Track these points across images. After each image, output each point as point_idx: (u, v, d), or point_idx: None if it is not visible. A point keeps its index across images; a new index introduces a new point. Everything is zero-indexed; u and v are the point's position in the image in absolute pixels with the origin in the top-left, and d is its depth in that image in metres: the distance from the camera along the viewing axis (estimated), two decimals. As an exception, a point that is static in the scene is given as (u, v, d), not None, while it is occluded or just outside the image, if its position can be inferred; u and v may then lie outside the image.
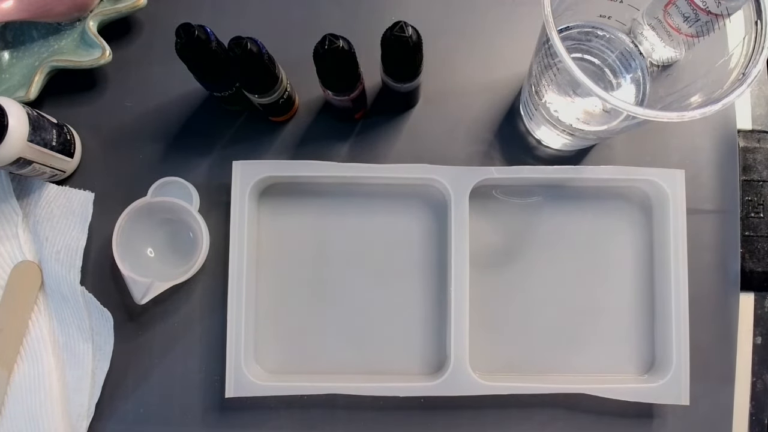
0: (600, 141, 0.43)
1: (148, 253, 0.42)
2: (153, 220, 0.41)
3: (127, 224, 0.40)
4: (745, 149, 0.44)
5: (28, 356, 0.41)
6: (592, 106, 0.36)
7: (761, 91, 0.45)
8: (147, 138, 0.44)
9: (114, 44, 0.42)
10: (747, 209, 0.44)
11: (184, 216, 0.41)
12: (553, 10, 0.29)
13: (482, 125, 0.44)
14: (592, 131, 0.37)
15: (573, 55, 0.39)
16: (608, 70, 0.40)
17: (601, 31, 0.40)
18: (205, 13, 0.45)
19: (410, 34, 0.33)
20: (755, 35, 0.31)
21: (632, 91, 0.40)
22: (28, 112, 0.38)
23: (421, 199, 0.43)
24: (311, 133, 0.44)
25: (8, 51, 0.44)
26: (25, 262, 0.42)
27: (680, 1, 0.38)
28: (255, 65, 0.35)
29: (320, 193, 0.43)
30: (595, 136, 0.39)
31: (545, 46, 0.31)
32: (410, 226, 0.43)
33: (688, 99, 0.33)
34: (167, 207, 0.41)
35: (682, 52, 0.43)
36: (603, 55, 0.40)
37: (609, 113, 0.35)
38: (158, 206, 0.41)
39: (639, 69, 0.40)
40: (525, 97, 0.41)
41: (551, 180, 0.42)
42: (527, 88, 0.40)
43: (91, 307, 0.41)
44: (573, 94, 0.34)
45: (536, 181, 0.42)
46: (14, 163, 0.37)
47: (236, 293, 0.40)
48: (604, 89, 0.29)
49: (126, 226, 0.40)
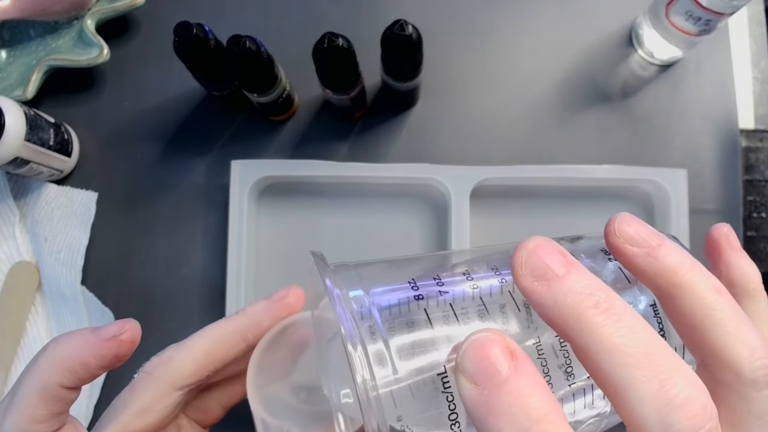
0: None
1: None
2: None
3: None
4: (748, 149, 0.44)
5: (25, 357, 0.41)
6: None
7: (764, 90, 0.45)
8: (145, 137, 0.44)
9: (112, 43, 0.42)
10: (749, 209, 0.44)
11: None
12: None
13: (483, 125, 0.44)
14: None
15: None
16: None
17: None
18: (204, 11, 0.45)
19: (410, 32, 0.33)
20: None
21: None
22: (25, 112, 0.37)
23: (421, 199, 0.43)
24: (310, 133, 0.44)
25: (5, 50, 0.44)
26: (22, 263, 0.41)
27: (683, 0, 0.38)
28: (254, 64, 0.35)
29: (320, 192, 0.43)
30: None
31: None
32: (410, 226, 0.43)
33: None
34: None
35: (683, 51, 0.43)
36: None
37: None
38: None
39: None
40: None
41: (552, 180, 0.42)
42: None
43: (91, 306, 0.40)
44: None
45: (537, 180, 0.42)
46: (11, 162, 0.37)
47: (235, 293, 0.40)
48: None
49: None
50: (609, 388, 0.13)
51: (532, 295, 0.14)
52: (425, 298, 0.17)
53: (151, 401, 0.25)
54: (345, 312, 0.16)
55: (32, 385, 0.22)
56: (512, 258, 0.15)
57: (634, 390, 0.12)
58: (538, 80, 0.44)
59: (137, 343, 0.23)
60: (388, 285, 0.18)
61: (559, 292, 0.14)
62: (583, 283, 0.14)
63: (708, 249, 0.20)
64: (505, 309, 0.17)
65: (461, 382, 0.13)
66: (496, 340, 0.13)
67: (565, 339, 0.14)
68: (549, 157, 0.43)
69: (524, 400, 0.12)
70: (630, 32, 0.45)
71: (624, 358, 0.13)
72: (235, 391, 0.30)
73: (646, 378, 0.12)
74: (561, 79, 0.44)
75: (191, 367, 0.26)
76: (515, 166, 0.42)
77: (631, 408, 0.13)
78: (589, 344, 0.13)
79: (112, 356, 0.22)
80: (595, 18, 0.45)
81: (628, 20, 0.45)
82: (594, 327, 0.13)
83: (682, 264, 0.15)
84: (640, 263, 0.15)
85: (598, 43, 0.45)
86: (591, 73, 0.44)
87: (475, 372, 0.13)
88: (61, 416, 0.22)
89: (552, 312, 0.14)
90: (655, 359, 0.13)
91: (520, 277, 0.14)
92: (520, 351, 0.13)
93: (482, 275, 0.18)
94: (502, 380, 0.13)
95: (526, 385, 0.13)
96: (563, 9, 0.45)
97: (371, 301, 0.17)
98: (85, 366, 0.22)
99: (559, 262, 0.14)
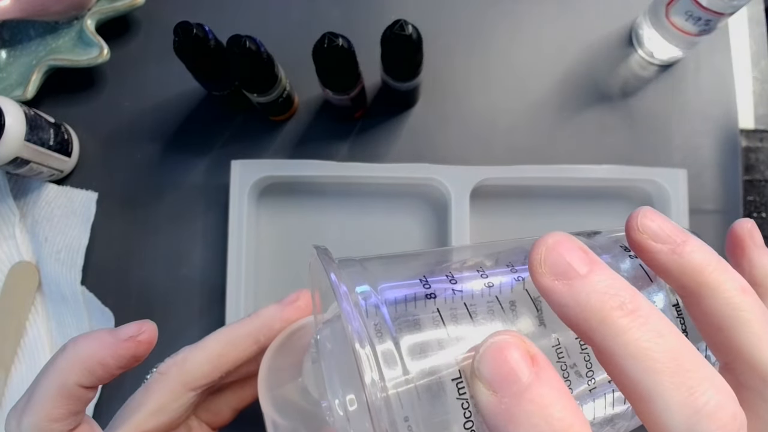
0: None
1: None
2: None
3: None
4: (748, 149, 0.44)
5: (25, 357, 0.41)
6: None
7: (764, 90, 0.45)
8: (145, 137, 0.44)
9: (112, 43, 0.42)
10: (749, 209, 0.44)
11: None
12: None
13: (483, 125, 0.44)
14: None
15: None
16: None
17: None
18: (204, 11, 0.45)
19: (410, 32, 0.33)
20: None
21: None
22: (26, 112, 0.37)
23: (421, 199, 0.43)
24: (310, 133, 0.44)
25: (5, 50, 0.44)
26: (22, 263, 0.41)
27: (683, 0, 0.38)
28: (254, 64, 0.35)
29: (320, 192, 0.43)
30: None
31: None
32: (410, 226, 0.43)
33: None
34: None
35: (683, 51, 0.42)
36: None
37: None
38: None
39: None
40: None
41: (552, 180, 0.42)
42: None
43: (91, 306, 0.40)
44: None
45: (537, 180, 0.42)
46: (11, 162, 0.37)
47: (235, 293, 0.40)
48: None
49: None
50: (634, 395, 0.12)
51: (551, 294, 0.13)
52: (437, 296, 0.16)
53: (165, 401, 0.25)
54: (351, 309, 0.15)
55: (51, 384, 0.22)
56: (530, 254, 0.14)
57: (661, 397, 0.12)
58: (538, 80, 0.44)
59: (154, 344, 0.24)
60: (397, 281, 0.17)
61: (582, 291, 0.13)
62: (606, 283, 0.13)
63: (730, 245, 0.19)
64: (521, 308, 0.16)
65: (478, 388, 0.13)
66: (516, 343, 0.13)
67: (586, 342, 0.13)
68: (549, 157, 0.43)
69: (547, 409, 0.12)
70: (630, 32, 0.45)
71: (651, 363, 0.12)
72: (245, 393, 0.30)
73: (674, 385, 0.12)
74: (561, 79, 0.44)
75: (205, 368, 0.26)
76: (515, 166, 0.42)
77: (658, 416, 0.12)
78: (613, 348, 0.12)
79: (130, 356, 0.23)
80: (595, 18, 0.45)
81: (628, 20, 0.45)
82: (619, 330, 0.12)
83: (708, 262, 0.14)
84: (664, 261, 0.15)
85: (598, 43, 0.45)
86: (591, 73, 0.44)
87: (494, 378, 0.12)
88: (78, 415, 0.23)
89: (573, 313, 0.13)
90: (684, 365, 0.12)
91: (538, 275, 0.13)
92: (541, 355, 0.13)
93: (496, 272, 0.17)
94: (522, 387, 0.12)
95: (548, 392, 0.12)
96: (563, 9, 0.45)
97: (380, 297, 0.16)
98: (104, 366, 0.22)
99: (581, 259, 0.13)
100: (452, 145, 0.44)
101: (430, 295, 0.16)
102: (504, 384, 0.12)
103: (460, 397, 0.14)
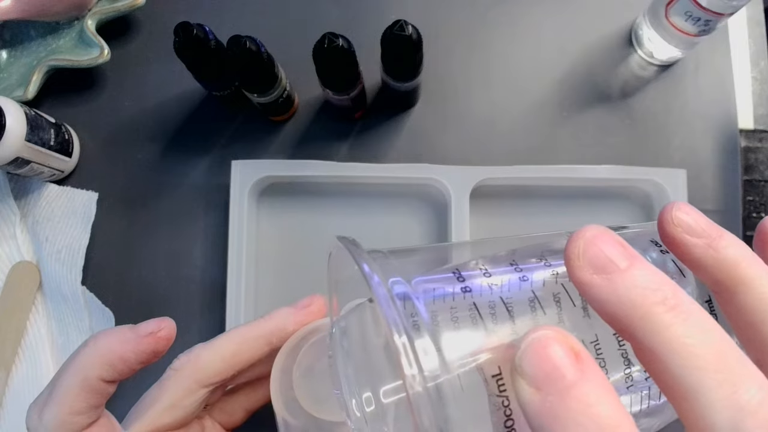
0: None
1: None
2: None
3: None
4: (747, 149, 0.44)
5: (26, 357, 0.41)
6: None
7: (763, 90, 0.45)
8: (145, 137, 0.44)
9: (112, 43, 0.42)
10: (749, 209, 0.44)
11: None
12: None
13: (482, 125, 0.44)
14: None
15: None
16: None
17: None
18: (204, 11, 0.45)
19: (410, 32, 0.33)
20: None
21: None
22: (26, 112, 0.37)
23: (421, 199, 0.43)
24: (311, 133, 0.44)
25: (6, 50, 0.44)
26: (23, 263, 0.41)
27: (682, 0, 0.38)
28: (254, 64, 0.35)
29: (320, 192, 0.43)
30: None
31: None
32: (410, 226, 0.43)
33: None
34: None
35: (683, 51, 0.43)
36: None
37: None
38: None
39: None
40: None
41: (552, 180, 0.42)
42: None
43: (92, 306, 0.41)
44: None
45: (537, 180, 0.42)
46: (12, 162, 0.37)
47: (235, 293, 0.40)
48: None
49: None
50: (675, 393, 0.12)
51: (590, 289, 0.13)
52: (472, 290, 0.15)
53: (179, 397, 0.26)
54: (387, 299, 0.14)
55: (73, 378, 0.22)
56: (567, 248, 0.13)
57: (705, 395, 0.11)
58: (538, 80, 0.45)
59: (173, 340, 0.24)
60: (430, 274, 0.16)
61: (622, 286, 0.12)
62: (648, 278, 0.12)
63: (759, 241, 0.19)
64: (560, 303, 0.15)
65: (520, 386, 0.12)
66: (558, 338, 0.12)
67: (625, 338, 0.13)
68: (549, 158, 0.43)
69: (593, 408, 0.11)
70: (630, 32, 0.45)
71: (695, 360, 0.12)
72: (258, 395, 0.31)
73: (718, 382, 0.11)
74: (561, 79, 0.44)
75: (218, 366, 0.26)
76: (515, 166, 0.42)
77: (701, 413, 0.12)
78: (655, 345, 0.12)
79: (150, 352, 0.23)
80: (595, 18, 0.45)
81: (628, 20, 0.45)
82: (662, 326, 0.12)
83: (744, 257, 0.14)
84: (699, 255, 0.14)
85: (598, 43, 0.45)
86: (591, 73, 0.44)
87: (537, 375, 0.12)
88: (98, 409, 0.23)
89: (613, 309, 0.12)
90: (727, 361, 0.12)
91: (576, 269, 0.13)
92: (585, 351, 0.12)
93: (530, 266, 0.16)
94: (567, 385, 0.11)
95: (593, 390, 0.11)
96: (563, 9, 0.45)
97: (415, 290, 0.16)
98: (125, 361, 0.23)
99: (621, 253, 0.13)
100: (452, 146, 0.44)
101: (466, 289, 0.16)
102: (547, 381, 0.12)
103: (500, 395, 0.13)
